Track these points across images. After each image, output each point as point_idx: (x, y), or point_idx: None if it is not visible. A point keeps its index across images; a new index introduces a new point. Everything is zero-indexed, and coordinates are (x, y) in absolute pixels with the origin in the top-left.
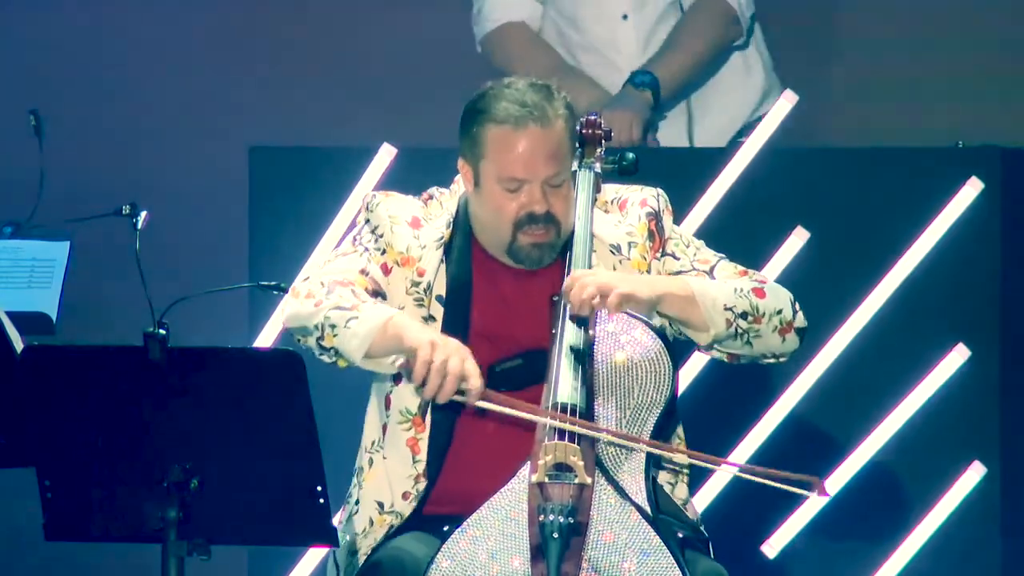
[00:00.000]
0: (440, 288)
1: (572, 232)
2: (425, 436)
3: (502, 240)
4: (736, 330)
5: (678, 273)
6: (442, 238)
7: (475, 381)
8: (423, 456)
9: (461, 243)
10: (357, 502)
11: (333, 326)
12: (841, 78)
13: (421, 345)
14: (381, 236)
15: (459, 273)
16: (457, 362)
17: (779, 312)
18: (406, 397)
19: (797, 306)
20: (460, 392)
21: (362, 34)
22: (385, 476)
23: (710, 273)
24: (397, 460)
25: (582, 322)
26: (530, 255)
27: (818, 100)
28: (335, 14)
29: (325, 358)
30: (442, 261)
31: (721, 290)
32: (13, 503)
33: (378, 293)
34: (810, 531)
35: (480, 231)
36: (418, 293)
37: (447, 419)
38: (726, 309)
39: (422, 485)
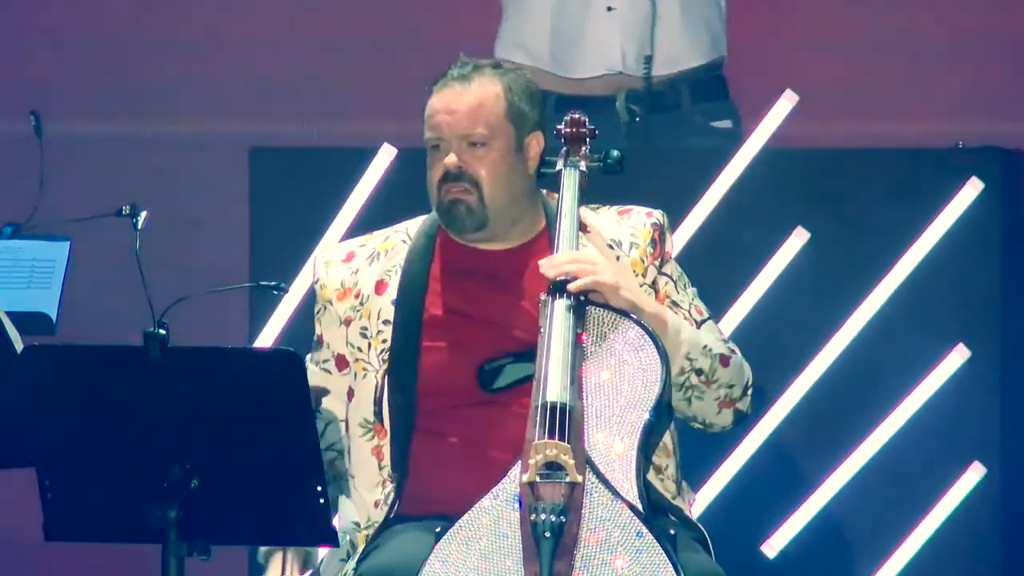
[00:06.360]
0: (391, 288)
1: (550, 217)
2: (387, 441)
3: (435, 206)
4: (685, 382)
5: (674, 304)
6: (374, 250)
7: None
8: (387, 461)
9: (426, 240)
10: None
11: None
12: (841, 78)
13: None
14: (321, 288)
15: (416, 262)
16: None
17: (731, 387)
18: (362, 407)
19: (750, 392)
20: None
21: (362, 34)
22: (357, 497)
23: (699, 326)
24: (365, 475)
25: (571, 320)
26: (449, 212)
27: (818, 100)
28: (335, 14)
29: None
30: (375, 264)
31: (694, 338)
32: (13, 504)
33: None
34: (810, 531)
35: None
36: (357, 307)
37: (403, 418)
38: (687, 358)
39: (389, 488)
